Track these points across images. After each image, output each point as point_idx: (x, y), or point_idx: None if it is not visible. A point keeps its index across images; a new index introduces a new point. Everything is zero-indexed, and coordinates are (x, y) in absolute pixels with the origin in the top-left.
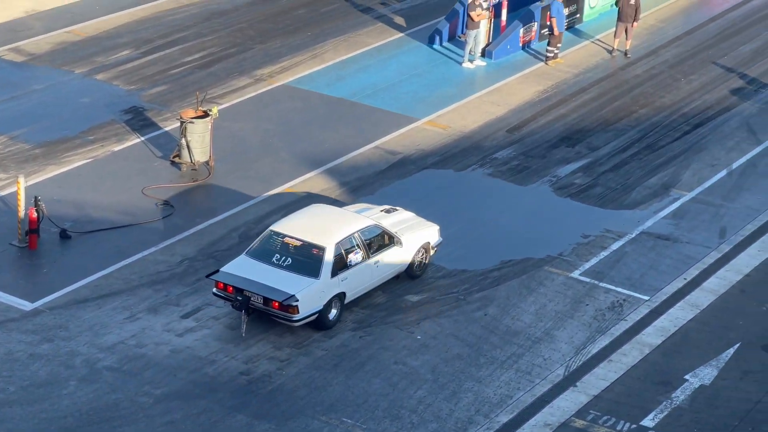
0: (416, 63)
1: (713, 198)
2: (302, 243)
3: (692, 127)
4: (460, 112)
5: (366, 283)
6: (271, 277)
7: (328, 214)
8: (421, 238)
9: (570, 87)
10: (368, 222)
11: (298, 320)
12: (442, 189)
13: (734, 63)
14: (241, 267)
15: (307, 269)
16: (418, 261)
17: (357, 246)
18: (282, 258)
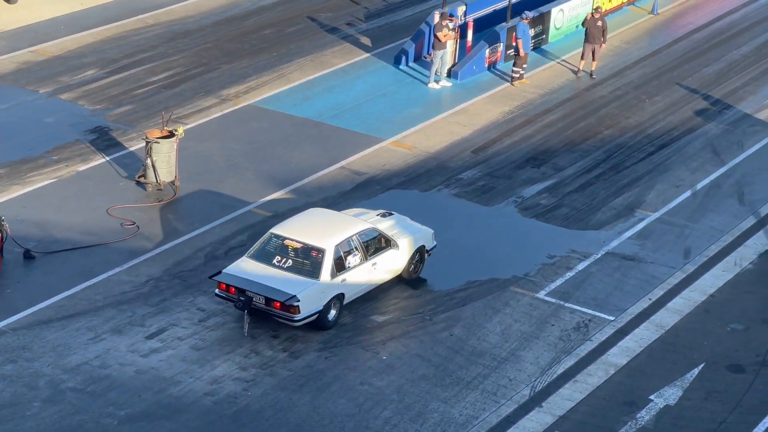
0: (382, 83)
1: (678, 218)
2: (302, 245)
3: (657, 148)
4: (426, 132)
5: (364, 284)
6: (273, 278)
7: (326, 218)
8: (416, 241)
9: (535, 107)
10: (366, 225)
11: (299, 320)
12: (407, 209)
13: (698, 84)
14: (243, 268)
15: (308, 270)
16: (413, 264)
17: (355, 248)
18: (283, 259)
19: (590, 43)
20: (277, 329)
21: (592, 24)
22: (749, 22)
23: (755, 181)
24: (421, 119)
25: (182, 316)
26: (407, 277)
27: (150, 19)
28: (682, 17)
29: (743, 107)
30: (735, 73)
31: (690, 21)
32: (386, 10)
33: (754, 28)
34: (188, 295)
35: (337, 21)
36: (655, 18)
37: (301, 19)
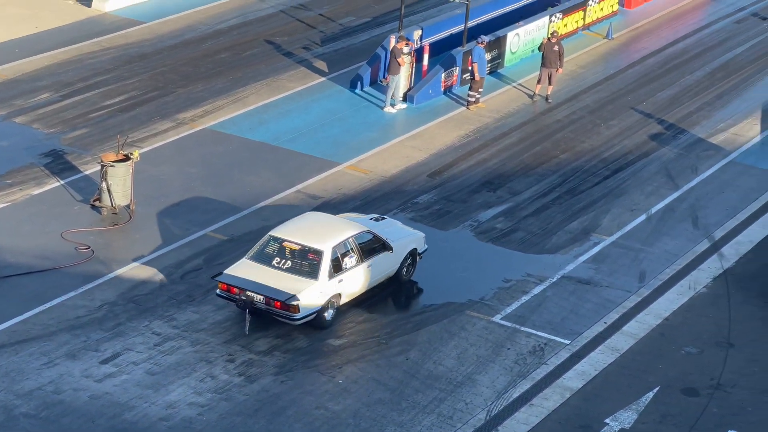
0: (338, 107)
1: (633, 242)
2: (301, 247)
3: (612, 172)
4: (382, 156)
5: (360, 285)
6: (273, 278)
7: (323, 221)
8: (408, 244)
9: (491, 132)
10: (361, 228)
11: (299, 319)
12: None
13: (652, 109)
14: (243, 269)
15: (306, 271)
16: (406, 266)
17: (352, 250)
18: (282, 261)
19: (547, 68)
20: (233, 353)
21: (549, 48)
22: (702, 47)
23: (709, 205)
24: (377, 143)
25: (137, 341)
26: (401, 279)
27: (106, 43)
28: (636, 42)
29: (697, 132)
30: (689, 97)
31: (644, 46)
32: (342, 34)
33: (708, 53)
34: (143, 319)
35: (293, 45)
36: (610, 43)
37: (257, 42)
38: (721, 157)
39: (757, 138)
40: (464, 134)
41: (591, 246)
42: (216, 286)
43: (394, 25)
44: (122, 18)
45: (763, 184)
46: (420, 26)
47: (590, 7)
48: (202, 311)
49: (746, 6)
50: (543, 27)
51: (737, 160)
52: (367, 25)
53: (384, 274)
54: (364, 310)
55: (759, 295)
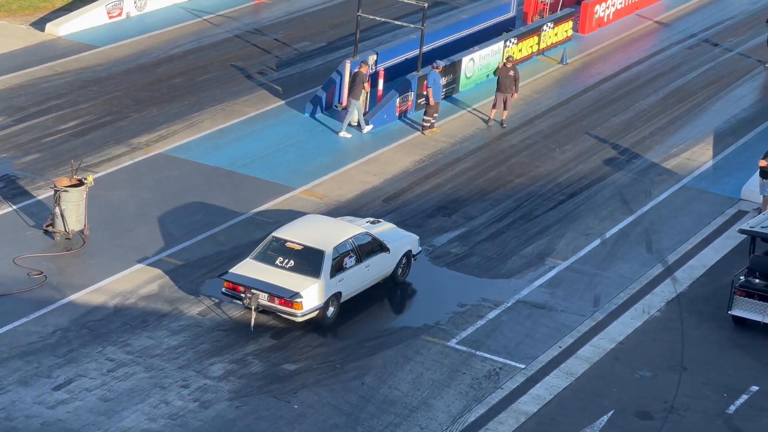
0: (293, 132)
1: (587, 267)
2: (303, 247)
3: (567, 197)
4: (337, 181)
5: (359, 284)
6: (276, 277)
7: (324, 223)
8: (404, 246)
9: (446, 156)
10: (360, 229)
11: (302, 315)
12: None
13: (607, 134)
14: (248, 269)
15: (309, 270)
16: (401, 266)
17: (351, 251)
18: (285, 260)
19: (502, 93)
20: (187, 379)
21: (504, 73)
22: (655, 73)
23: (662, 230)
24: (332, 168)
25: (90, 367)
26: (397, 279)
27: (59, 67)
28: (590, 67)
29: (650, 156)
30: (642, 122)
31: (598, 71)
32: (298, 59)
33: (660, 79)
34: (96, 345)
35: (248, 70)
36: (564, 68)
37: (212, 67)
38: (674, 181)
39: (709, 163)
40: (419, 159)
41: (546, 270)
42: (221, 284)
43: (349, 50)
44: (76, 42)
45: (715, 208)
46: (375, 51)
47: (545, 32)
48: (156, 336)
49: (697, 32)
50: (498, 52)
51: (690, 184)
52: (322, 50)
53: (381, 274)
54: (319, 335)
55: (712, 318)
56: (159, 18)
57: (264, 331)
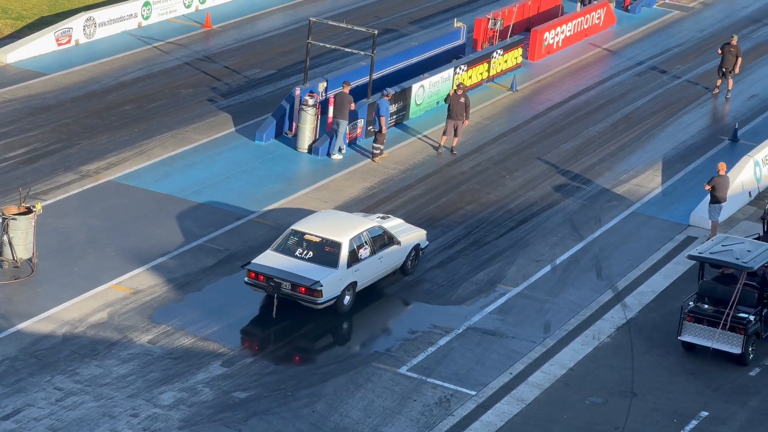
0: (244, 159)
1: (538, 293)
2: (321, 239)
3: (517, 223)
4: (288, 209)
5: (372, 275)
6: (297, 267)
7: (339, 217)
8: (413, 239)
9: (396, 183)
10: (374, 223)
11: (322, 303)
12: (251, 297)
13: (557, 160)
14: (270, 259)
15: (327, 261)
16: (411, 259)
17: (366, 243)
18: (304, 252)
19: (453, 119)
20: (137, 408)
21: (455, 100)
22: (604, 100)
23: (612, 256)
24: (283, 195)
25: (39, 396)
26: (407, 271)
27: (7, 94)
28: (540, 94)
29: (601, 182)
30: (592, 149)
31: (548, 98)
32: (248, 86)
33: (610, 105)
34: (45, 374)
35: (198, 97)
36: (514, 95)
37: (162, 94)
38: (624, 207)
39: (658, 189)
40: (370, 186)
41: (497, 297)
42: (245, 274)
43: (299, 77)
44: (24, 69)
45: (664, 234)
46: (325, 78)
47: (495, 59)
48: (105, 365)
49: (645, 60)
50: (448, 79)
51: (639, 210)
52: (273, 77)
53: (392, 265)
54: (270, 362)
55: (661, 344)
56: (108, 45)
57: (214, 358)
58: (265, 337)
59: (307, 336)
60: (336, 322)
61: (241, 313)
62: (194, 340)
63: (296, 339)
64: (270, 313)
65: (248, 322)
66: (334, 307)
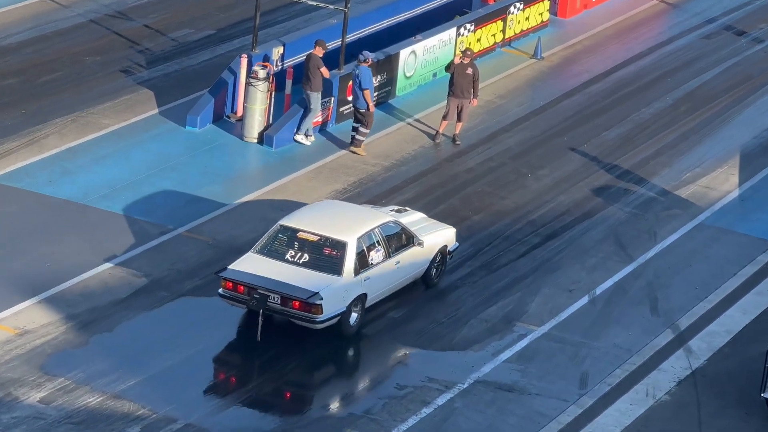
0: (171, 152)
1: (571, 334)
2: (320, 238)
3: (543, 239)
4: (231, 219)
5: (387, 285)
6: (288, 274)
7: (343, 208)
8: (438, 240)
9: (379, 185)
10: (388, 218)
11: (322, 321)
12: (196, 325)
13: (597, 153)
14: (252, 264)
15: (328, 266)
16: (435, 265)
17: (378, 243)
18: (297, 254)
19: (456, 98)
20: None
21: (460, 72)
22: (661, 71)
23: (671, 283)
24: (224, 201)
25: None
26: (430, 281)
27: None
28: (574, 63)
29: (656, 183)
30: (644, 138)
31: (585, 68)
32: (176, 53)
33: (668, 79)
34: None
35: (108, 67)
36: (538, 64)
37: (58, 64)
38: (688, 218)
39: (734, 192)
40: (342, 188)
41: (515, 339)
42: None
43: (246, 40)
44: None
45: (742, 253)
46: (281, 42)
47: (512, 15)
48: None
49: (717, 17)
50: (449, 42)
51: (708, 222)
52: (210, 40)
53: (412, 273)
54: (203, 428)
55: (737, 403)
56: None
57: (130, 423)
58: (199, 393)
59: (261, 394)
60: (294, 375)
61: (168, 360)
62: (102, 398)
63: (240, 392)
64: (249, 337)
65: (176, 373)
66: (336, 327)
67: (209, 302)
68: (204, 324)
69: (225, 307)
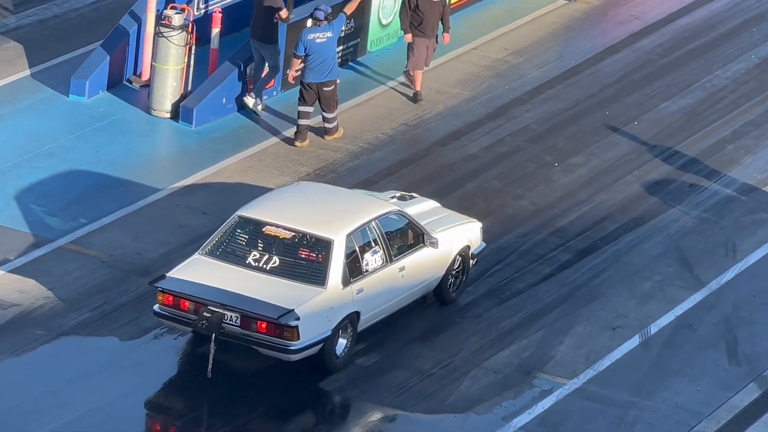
0: (47, 131)
1: (615, 391)
2: (296, 234)
3: (575, 256)
4: (133, 227)
5: (387, 300)
6: (251, 285)
7: (326, 195)
8: (458, 238)
9: (341, 177)
10: (388, 207)
11: (297, 350)
12: (88, 376)
13: (652, 133)
14: (200, 271)
15: (307, 274)
16: (454, 273)
17: (375, 242)
18: (264, 258)
19: (427, 37)
20: None
21: (428, 1)
22: (744, 16)
23: (757, 318)
24: (124, 201)
25: None
26: (446, 297)
27: None
28: (620, 5)
29: (735, 176)
30: (718, 113)
31: (633, 13)
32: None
33: (754, 28)
34: None
35: None
36: (569, 6)
37: None
38: None
39: None
40: (291, 182)
41: (536, 398)
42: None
43: None
44: None
45: None
46: None
47: None
48: None
49: None
50: None
51: None
52: None
53: (422, 284)
54: None
55: None
56: None
57: None
58: None
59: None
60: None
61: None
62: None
63: None
64: (195, 375)
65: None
66: (317, 359)
67: (106, 344)
68: (100, 372)
69: (131, 348)
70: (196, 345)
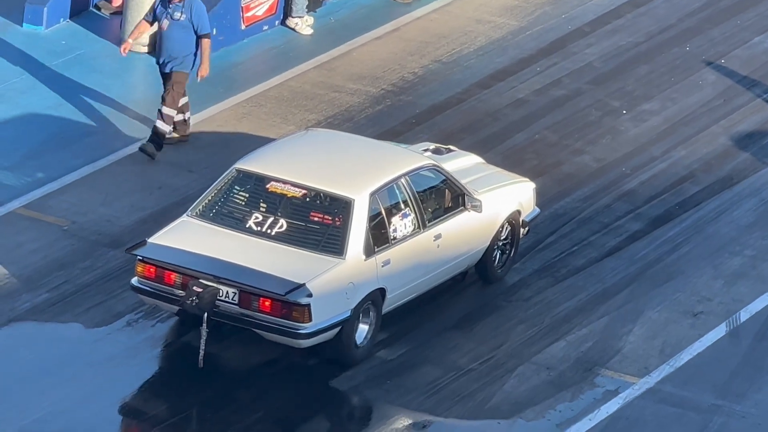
0: None
1: (697, 391)
2: (307, 192)
3: (647, 225)
4: (102, 187)
5: (420, 275)
6: (251, 253)
7: (345, 145)
8: (507, 201)
9: (360, 126)
10: (422, 161)
11: (308, 335)
12: (45, 374)
13: (745, 73)
14: (189, 236)
15: (321, 242)
16: (500, 244)
17: (405, 204)
18: (268, 221)
19: None
20: None
21: None
22: None
23: None
24: (91, 156)
25: None
26: (491, 274)
27: None
28: None
29: None
30: None
31: None
32: None
33: None
34: None
35: None
36: None
37: None
38: None
39: None
40: (297, 130)
41: (599, 400)
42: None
43: None
44: None
45: None
46: None
47: None
48: None
49: None
50: None
51: None
52: None
53: (462, 257)
54: None
55: None
56: None
57: None
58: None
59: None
60: None
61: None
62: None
63: None
64: (189, 364)
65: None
66: (332, 348)
67: (67, 331)
68: (59, 369)
69: (99, 337)
70: (180, 333)
